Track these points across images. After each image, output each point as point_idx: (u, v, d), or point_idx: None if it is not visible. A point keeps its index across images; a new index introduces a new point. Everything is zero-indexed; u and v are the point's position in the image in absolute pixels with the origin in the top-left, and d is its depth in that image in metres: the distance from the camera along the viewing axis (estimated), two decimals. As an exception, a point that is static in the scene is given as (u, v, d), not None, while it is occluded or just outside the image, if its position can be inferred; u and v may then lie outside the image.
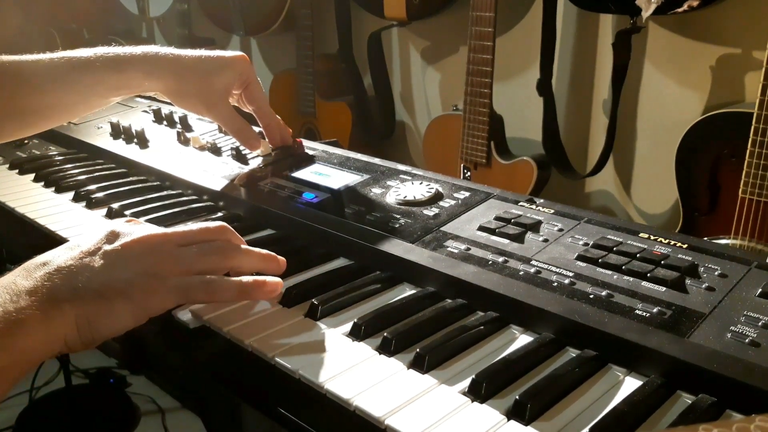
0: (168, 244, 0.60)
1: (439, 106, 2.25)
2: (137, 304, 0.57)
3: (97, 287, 0.55)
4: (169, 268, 0.59)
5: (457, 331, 0.58)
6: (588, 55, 1.86)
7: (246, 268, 0.64)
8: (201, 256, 0.61)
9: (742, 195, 1.38)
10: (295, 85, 2.37)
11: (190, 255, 0.60)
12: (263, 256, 0.65)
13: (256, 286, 0.62)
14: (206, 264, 0.61)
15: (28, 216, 0.87)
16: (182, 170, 0.97)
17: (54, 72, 0.83)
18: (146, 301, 0.57)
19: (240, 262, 0.64)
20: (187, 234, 0.62)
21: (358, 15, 2.31)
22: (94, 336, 0.55)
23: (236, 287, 0.61)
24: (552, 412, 0.49)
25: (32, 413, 2.02)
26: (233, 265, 0.63)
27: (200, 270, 0.60)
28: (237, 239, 0.66)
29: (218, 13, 2.64)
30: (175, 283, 0.58)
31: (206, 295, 0.60)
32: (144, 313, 0.57)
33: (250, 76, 0.92)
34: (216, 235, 0.64)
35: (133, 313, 0.57)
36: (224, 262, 0.63)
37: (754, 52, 1.55)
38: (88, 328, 0.55)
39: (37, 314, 0.52)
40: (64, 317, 0.53)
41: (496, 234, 0.70)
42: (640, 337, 0.53)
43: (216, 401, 1.33)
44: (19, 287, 0.53)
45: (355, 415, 0.50)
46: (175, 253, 0.60)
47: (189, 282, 0.59)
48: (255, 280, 0.62)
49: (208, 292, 0.60)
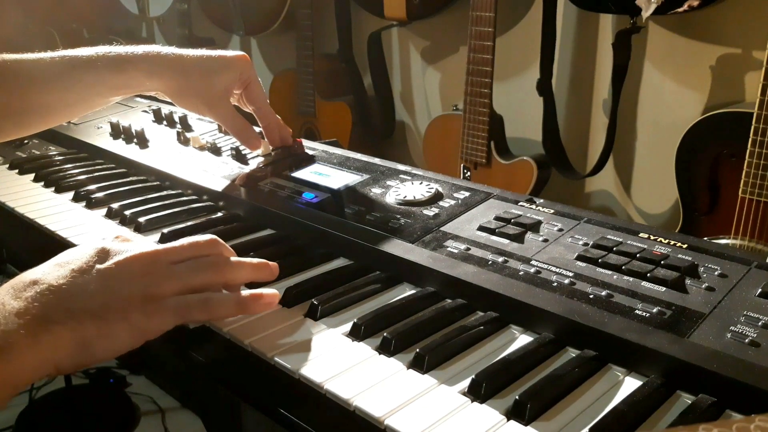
0: (161, 262, 0.59)
1: (439, 106, 2.25)
2: (135, 326, 0.55)
3: (93, 308, 0.53)
4: (165, 287, 0.57)
5: (457, 331, 0.58)
6: (588, 55, 1.86)
7: (240, 280, 0.63)
8: (195, 272, 0.59)
9: (742, 195, 1.38)
10: (295, 85, 2.37)
11: (184, 272, 0.59)
12: (255, 266, 0.64)
13: (253, 300, 0.61)
14: (201, 280, 0.60)
15: (28, 216, 0.87)
16: (182, 170, 0.97)
17: (55, 71, 0.83)
18: (145, 322, 0.55)
19: (233, 275, 0.62)
20: (178, 250, 0.61)
21: (358, 15, 2.31)
22: (90, 359, 0.53)
23: (234, 303, 0.60)
24: (552, 412, 0.49)
25: (32, 413, 2.02)
26: (227, 279, 0.62)
27: (196, 287, 0.59)
28: (228, 251, 0.65)
29: (218, 13, 2.64)
30: (173, 304, 0.57)
31: (205, 313, 0.59)
32: (142, 335, 0.55)
33: (250, 76, 0.92)
34: (207, 250, 0.62)
35: (131, 335, 0.55)
36: (219, 277, 0.61)
37: (754, 52, 1.55)
38: (84, 351, 0.52)
39: (27, 338, 0.49)
40: (56, 341, 0.51)
41: (496, 234, 0.70)
42: (640, 337, 0.53)
43: (216, 401, 1.33)
44: (7, 308, 0.50)
45: (354, 415, 0.50)
46: (170, 271, 0.58)
47: (187, 301, 0.58)
48: (252, 294, 0.61)
49: (207, 310, 0.59)
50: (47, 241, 0.82)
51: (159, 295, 0.57)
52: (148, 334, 0.56)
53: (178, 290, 0.58)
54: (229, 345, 0.60)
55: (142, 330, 0.55)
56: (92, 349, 0.53)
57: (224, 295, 0.61)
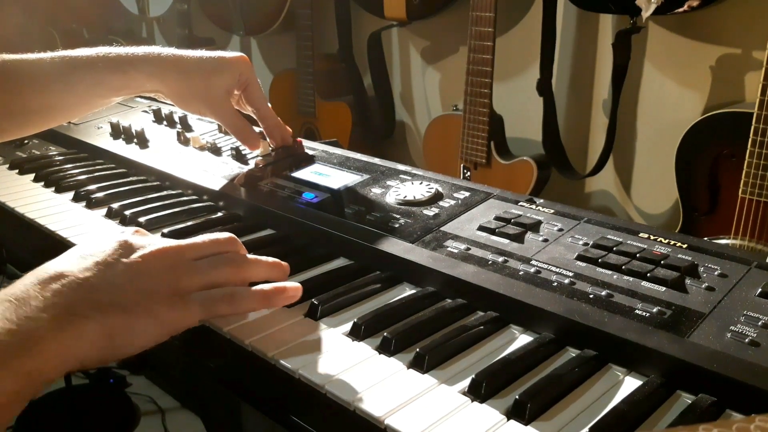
0: (184, 258, 0.59)
1: (439, 106, 2.25)
2: (161, 320, 0.55)
3: (120, 302, 0.53)
4: (190, 282, 0.58)
5: (457, 331, 0.58)
6: (588, 55, 1.86)
7: (257, 278, 0.63)
8: (217, 268, 0.60)
9: (742, 195, 1.38)
10: (295, 85, 2.37)
11: (207, 268, 0.59)
12: (271, 265, 0.65)
13: (277, 293, 0.61)
14: (223, 276, 0.60)
15: (28, 216, 0.87)
16: (182, 170, 0.97)
17: (55, 71, 0.83)
18: (171, 317, 0.55)
19: (251, 272, 0.63)
20: (200, 246, 0.61)
21: (358, 15, 2.31)
22: (114, 353, 0.53)
23: (259, 297, 0.60)
24: (552, 411, 0.49)
25: (32, 413, 2.02)
26: (246, 276, 0.62)
27: (218, 282, 0.60)
28: (244, 250, 0.65)
29: (218, 13, 2.64)
30: (199, 298, 0.57)
31: (230, 307, 0.59)
32: (167, 330, 0.56)
33: (250, 77, 0.92)
34: (226, 247, 0.63)
35: (157, 329, 0.55)
36: (239, 274, 0.62)
37: (754, 52, 1.55)
38: (110, 345, 0.52)
39: (53, 332, 0.49)
40: (82, 335, 0.50)
41: (496, 234, 0.70)
42: (640, 336, 0.53)
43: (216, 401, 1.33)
44: (33, 301, 0.50)
45: (355, 414, 0.50)
46: (193, 266, 0.59)
47: (212, 295, 0.58)
48: (276, 287, 0.61)
49: (232, 304, 0.59)
50: (47, 241, 0.82)
51: (184, 289, 0.57)
52: (173, 329, 0.56)
53: (202, 285, 0.59)
54: (230, 345, 0.60)
55: (168, 324, 0.55)
56: (117, 343, 0.52)
57: (248, 289, 0.61)
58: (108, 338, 0.52)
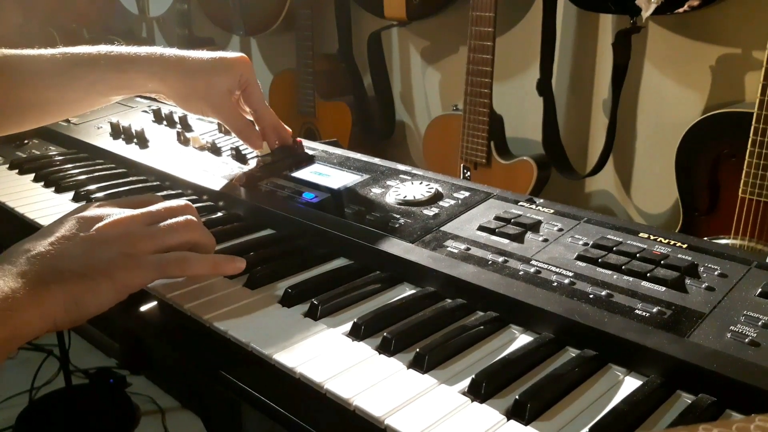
0: (137, 224, 0.65)
1: (439, 106, 2.25)
2: (119, 282, 0.60)
3: (80, 269, 0.59)
4: (143, 246, 0.63)
5: (456, 331, 0.58)
6: (588, 55, 1.86)
7: (204, 243, 0.69)
8: (169, 232, 0.66)
9: (742, 195, 1.38)
10: (295, 85, 2.37)
11: (159, 232, 0.65)
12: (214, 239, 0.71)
13: (226, 261, 0.67)
14: (176, 239, 0.66)
15: (28, 216, 0.87)
16: (182, 170, 0.97)
17: (56, 68, 0.83)
18: (127, 278, 0.61)
19: (205, 238, 0.69)
20: (153, 213, 0.67)
21: (358, 15, 2.31)
22: (81, 314, 0.59)
23: (209, 262, 0.66)
24: (552, 411, 0.49)
25: (32, 413, 2.02)
26: (196, 238, 0.68)
27: (171, 246, 0.65)
28: (198, 218, 0.70)
29: (218, 13, 2.64)
30: (151, 260, 0.63)
31: (180, 270, 0.65)
32: (125, 289, 0.61)
33: (249, 78, 0.91)
34: (181, 213, 0.68)
35: (116, 291, 0.61)
36: (190, 236, 0.67)
37: (754, 52, 1.55)
38: (76, 307, 0.58)
39: (29, 294, 0.56)
40: (53, 297, 0.57)
41: (496, 234, 0.70)
42: (640, 336, 0.53)
43: (216, 401, 1.33)
44: (9, 270, 0.57)
45: (355, 414, 0.50)
46: (146, 231, 0.65)
47: (165, 258, 0.64)
48: (225, 256, 0.68)
49: (183, 267, 0.65)
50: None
51: (137, 253, 0.63)
52: (130, 289, 0.62)
53: (155, 249, 0.64)
54: (229, 345, 0.60)
55: (126, 285, 0.61)
56: (83, 304, 0.59)
57: (199, 255, 0.67)
58: (72, 301, 0.58)
